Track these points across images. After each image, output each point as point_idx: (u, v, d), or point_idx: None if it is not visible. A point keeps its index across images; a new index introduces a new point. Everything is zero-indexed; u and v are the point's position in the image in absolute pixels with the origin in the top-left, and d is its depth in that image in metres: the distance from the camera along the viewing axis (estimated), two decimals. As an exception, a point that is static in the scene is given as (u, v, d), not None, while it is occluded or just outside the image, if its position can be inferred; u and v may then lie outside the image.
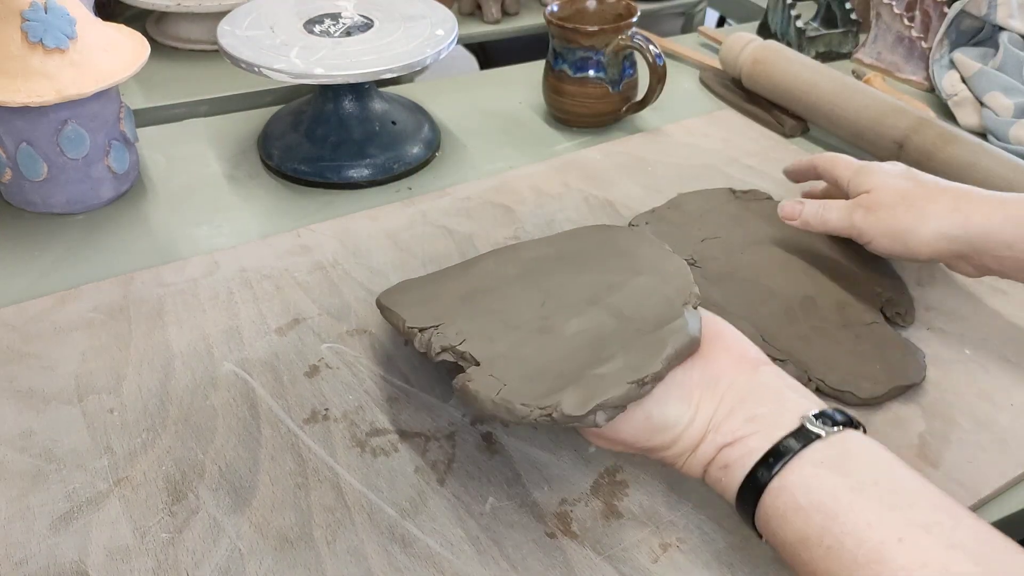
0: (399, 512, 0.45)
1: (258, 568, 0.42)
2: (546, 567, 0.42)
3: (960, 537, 0.34)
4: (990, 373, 0.54)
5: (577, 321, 0.45)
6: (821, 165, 0.61)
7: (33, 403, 0.50)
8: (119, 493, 0.45)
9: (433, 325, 0.46)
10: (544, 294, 0.47)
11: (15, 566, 0.42)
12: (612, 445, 0.43)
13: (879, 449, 0.39)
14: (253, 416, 0.50)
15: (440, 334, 0.45)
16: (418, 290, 0.51)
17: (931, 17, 0.90)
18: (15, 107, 0.60)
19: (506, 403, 0.40)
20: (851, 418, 0.40)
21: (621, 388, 0.39)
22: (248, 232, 0.66)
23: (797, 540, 0.37)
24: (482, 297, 0.48)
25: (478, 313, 0.47)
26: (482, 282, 0.49)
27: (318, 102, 0.74)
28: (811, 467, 0.38)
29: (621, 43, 0.75)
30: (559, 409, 0.39)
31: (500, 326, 0.45)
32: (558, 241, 0.54)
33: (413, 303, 0.49)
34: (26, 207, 0.67)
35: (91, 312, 0.57)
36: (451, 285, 0.50)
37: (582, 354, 0.42)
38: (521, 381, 0.41)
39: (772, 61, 0.82)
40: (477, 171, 0.75)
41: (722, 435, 0.40)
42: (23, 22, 0.60)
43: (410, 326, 0.46)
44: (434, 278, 0.53)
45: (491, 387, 0.41)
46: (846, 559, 0.35)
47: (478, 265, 0.52)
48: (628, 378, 0.39)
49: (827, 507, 0.36)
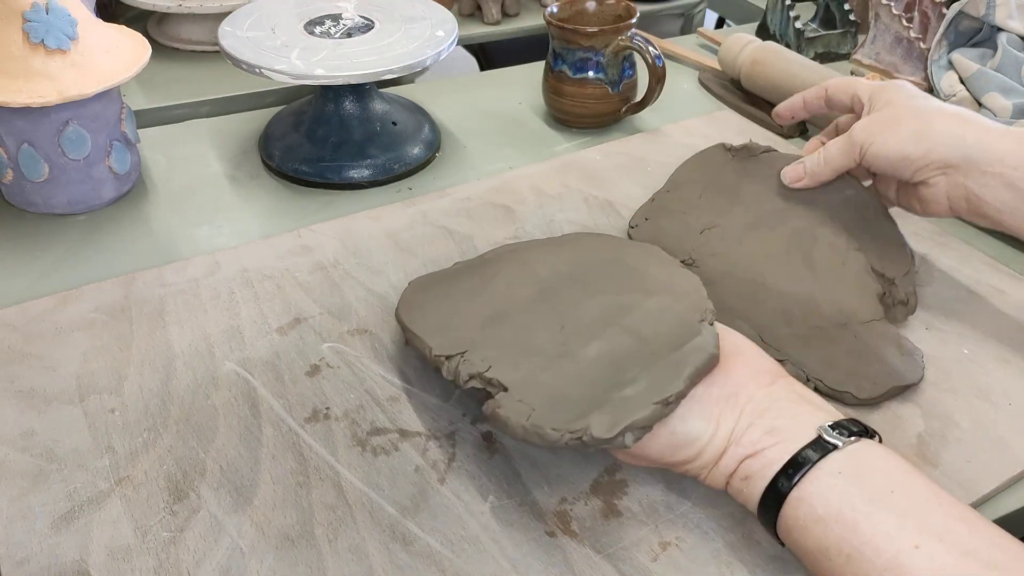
0: (400, 511, 0.45)
1: (259, 567, 0.42)
2: (546, 565, 0.43)
3: (975, 544, 0.35)
4: (989, 373, 0.54)
5: (596, 344, 0.46)
6: (834, 87, 0.60)
7: (35, 403, 0.50)
8: (120, 492, 0.45)
9: (459, 352, 0.48)
10: (561, 318, 0.49)
11: (16, 565, 0.42)
12: (639, 461, 0.44)
13: (894, 458, 0.40)
14: (254, 415, 0.50)
15: (467, 362, 0.47)
16: (435, 305, 0.52)
17: (930, 18, 0.90)
18: (16, 108, 0.60)
19: (537, 428, 0.41)
20: (866, 428, 0.41)
21: (647, 409, 0.40)
22: (249, 232, 0.67)
23: (818, 550, 0.38)
24: (502, 322, 0.49)
25: (500, 339, 0.48)
26: (499, 306, 0.51)
27: (319, 103, 0.74)
28: (829, 477, 0.38)
29: (621, 44, 0.76)
30: (589, 433, 0.40)
31: (523, 352, 0.47)
32: (567, 252, 0.55)
33: (435, 328, 0.50)
34: (27, 208, 0.67)
35: (92, 312, 0.57)
36: (467, 307, 0.51)
37: (605, 377, 0.44)
38: (548, 406, 0.42)
39: (771, 62, 0.83)
40: (477, 171, 0.75)
41: (743, 447, 0.41)
42: (25, 23, 0.60)
43: (437, 354, 0.48)
44: (446, 284, 0.54)
45: (521, 413, 0.42)
46: (865, 567, 0.36)
47: (492, 282, 0.53)
48: (653, 399, 0.41)
49: (845, 517, 0.37)
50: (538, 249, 0.56)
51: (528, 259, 0.55)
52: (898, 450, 0.48)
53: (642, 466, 0.46)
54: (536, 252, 0.56)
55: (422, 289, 0.55)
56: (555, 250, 0.55)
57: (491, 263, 0.55)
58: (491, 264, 0.55)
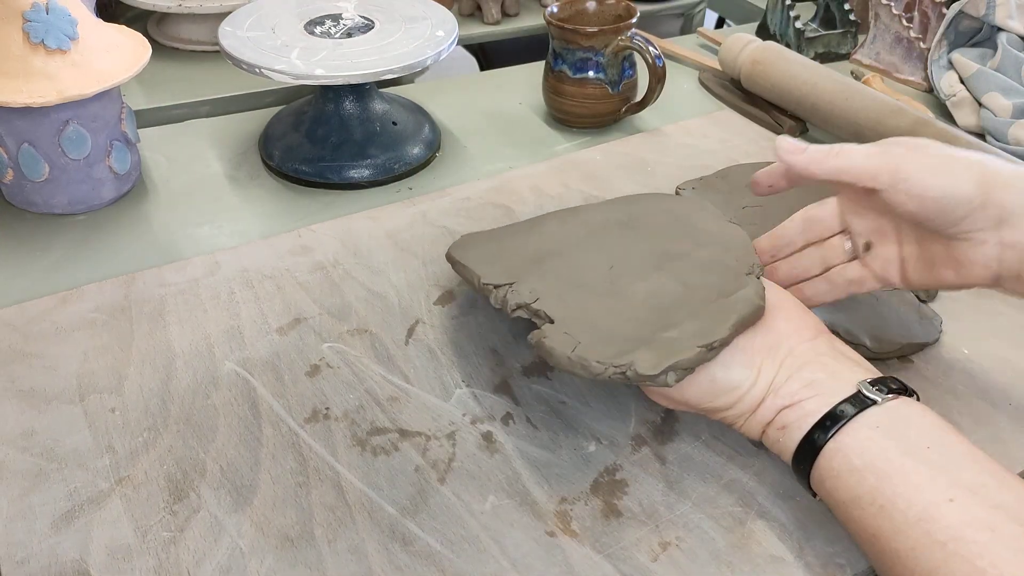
0: (400, 511, 0.45)
1: (259, 567, 0.42)
2: (546, 565, 0.43)
3: (1004, 498, 0.36)
4: (989, 373, 0.54)
5: (644, 285, 0.47)
6: (821, 166, 0.46)
7: (35, 403, 0.50)
8: (120, 492, 0.45)
9: (507, 283, 0.49)
10: (610, 258, 0.50)
11: (17, 565, 0.42)
12: (676, 405, 0.45)
13: (931, 415, 0.40)
14: (254, 415, 0.50)
15: (515, 292, 0.48)
16: (486, 245, 0.54)
17: (930, 18, 0.90)
18: (16, 107, 0.60)
19: (582, 360, 0.42)
20: (905, 386, 0.42)
21: (692, 351, 0.41)
22: (249, 232, 0.67)
23: (850, 499, 0.39)
24: (551, 259, 0.50)
25: (548, 274, 0.49)
26: (550, 244, 0.52)
27: (319, 103, 0.74)
28: (866, 430, 0.39)
29: (621, 44, 0.76)
30: (633, 368, 0.41)
31: (571, 287, 0.48)
32: (618, 205, 0.56)
33: (484, 259, 0.51)
34: (28, 207, 0.67)
35: (93, 312, 0.57)
36: (518, 245, 0.53)
37: (651, 318, 0.45)
38: (594, 340, 0.43)
39: (771, 62, 0.82)
40: (477, 171, 0.75)
41: (781, 398, 0.42)
42: (25, 23, 0.60)
43: (485, 282, 0.49)
44: (498, 235, 0.56)
45: (566, 344, 0.43)
46: (897, 518, 0.37)
47: (543, 225, 0.55)
48: (698, 342, 0.42)
49: (880, 469, 0.38)
50: (591, 207, 0.58)
51: (580, 210, 0.57)
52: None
53: (680, 410, 0.47)
54: (589, 208, 0.57)
55: (472, 238, 0.56)
56: (608, 205, 0.57)
57: (543, 218, 0.57)
58: (543, 218, 0.57)
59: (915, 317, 0.56)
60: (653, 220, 0.54)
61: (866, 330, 0.55)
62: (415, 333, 0.56)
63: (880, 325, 0.55)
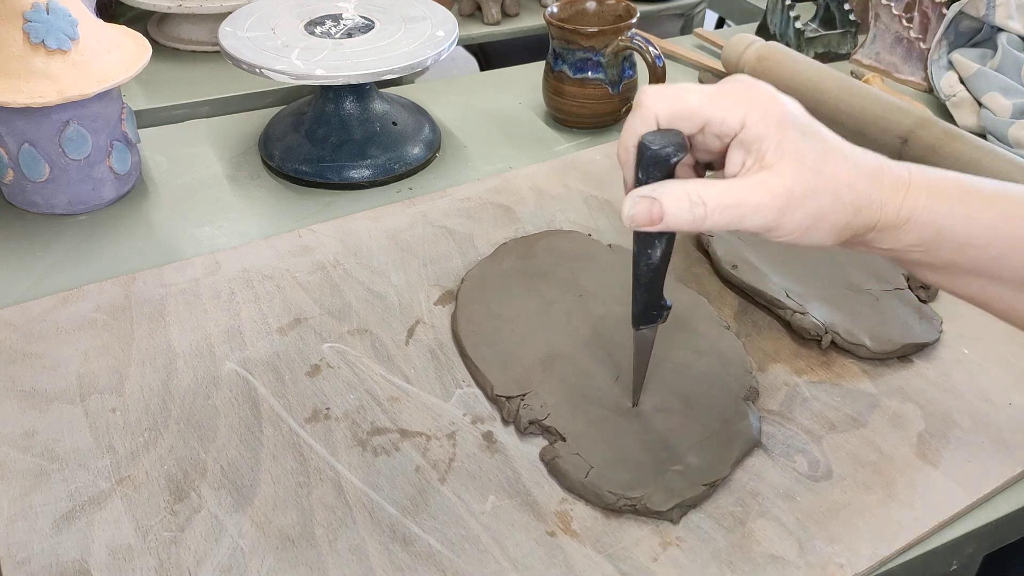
0: (400, 511, 0.45)
1: (260, 566, 0.42)
2: (547, 565, 0.43)
3: None
4: (989, 373, 0.54)
5: (650, 401, 0.50)
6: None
7: (36, 403, 0.50)
8: (121, 492, 0.45)
9: (519, 395, 0.50)
10: (616, 366, 0.52)
11: (18, 565, 0.42)
12: None
13: None
14: (255, 415, 0.50)
15: (527, 407, 0.50)
16: (494, 330, 0.55)
17: (930, 18, 0.90)
18: (17, 108, 0.60)
19: (595, 488, 0.45)
20: None
21: (697, 490, 0.45)
22: (249, 232, 0.67)
23: None
24: (560, 364, 0.53)
25: (558, 383, 0.51)
26: (558, 346, 0.54)
27: (319, 103, 0.74)
28: None
29: (621, 44, 0.76)
30: (643, 504, 0.44)
31: (580, 399, 0.50)
32: (619, 287, 0.57)
33: (495, 363, 0.53)
34: (28, 208, 0.67)
35: (93, 312, 0.57)
36: (528, 341, 0.54)
37: (657, 446, 0.48)
38: (605, 465, 0.46)
39: (776, 60, 0.82)
40: (477, 172, 0.75)
41: None
42: (25, 23, 0.60)
43: (498, 394, 0.51)
44: (502, 303, 0.57)
45: (579, 468, 0.46)
46: None
47: (550, 314, 0.56)
48: (702, 480, 0.46)
49: None
50: (587, 267, 0.60)
51: (580, 282, 0.59)
52: (898, 450, 0.49)
53: None
54: (587, 272, 0.59)
55: (477, 296, 0.57)
56: (605, 273, 0.59)
57: (544, 274, 0.59)
58: (544, 274, 0.59)
59: (915, 317, 0.56)
60: None
61: (866, 330, 0.55)
62: (415, 333, 0.56)
63: (880, 325, 0.55)
